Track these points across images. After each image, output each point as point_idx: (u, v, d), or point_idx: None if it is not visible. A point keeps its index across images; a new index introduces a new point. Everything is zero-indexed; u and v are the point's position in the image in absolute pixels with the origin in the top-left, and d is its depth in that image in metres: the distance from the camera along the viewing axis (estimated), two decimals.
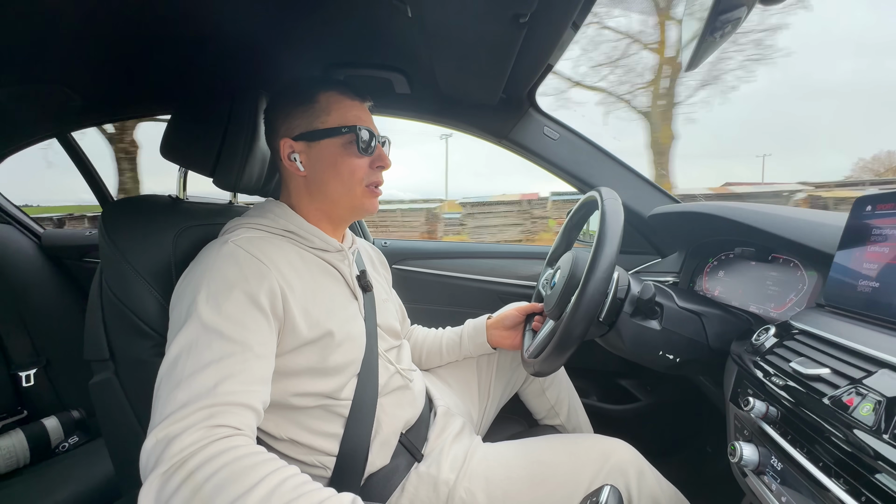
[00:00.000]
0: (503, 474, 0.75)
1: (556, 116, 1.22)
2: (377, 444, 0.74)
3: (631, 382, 1.37)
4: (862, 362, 0.48)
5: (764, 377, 0.58)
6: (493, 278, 1.44)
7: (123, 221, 0.75)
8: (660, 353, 0.78)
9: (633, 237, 1.26)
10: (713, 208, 0.92)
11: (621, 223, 0.71)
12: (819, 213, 0.80)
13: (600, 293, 0.67)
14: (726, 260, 0.97)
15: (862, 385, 0.45)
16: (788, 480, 0.50)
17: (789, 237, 0.74)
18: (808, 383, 0.51)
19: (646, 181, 1.24)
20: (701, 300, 0.82)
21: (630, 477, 0.72)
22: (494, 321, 1.01)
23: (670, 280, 1.12)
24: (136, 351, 0.71)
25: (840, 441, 0.44)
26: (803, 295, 0.75)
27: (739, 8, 0.40)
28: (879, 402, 0.42)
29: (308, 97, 0.75)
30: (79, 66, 0.97)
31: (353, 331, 0.74)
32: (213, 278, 0.62)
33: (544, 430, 1.05)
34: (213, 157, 0.81)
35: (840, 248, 0.62)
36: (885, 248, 0.55)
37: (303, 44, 0.94)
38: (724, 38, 0.45)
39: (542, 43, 0.83)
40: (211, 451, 0.49)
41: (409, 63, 1.02)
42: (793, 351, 0.58)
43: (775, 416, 0.54)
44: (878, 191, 0.58)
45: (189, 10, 0.78)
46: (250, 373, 0.57)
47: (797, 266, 0.78)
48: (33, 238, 1.67)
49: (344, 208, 0.78)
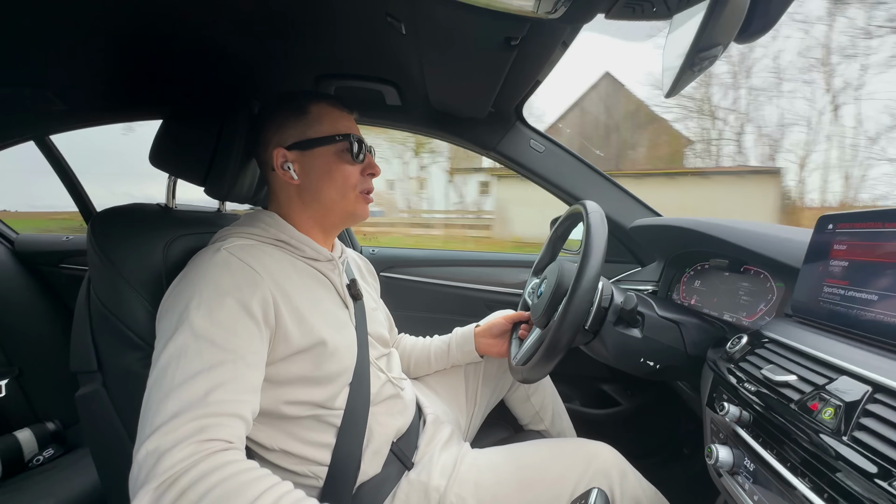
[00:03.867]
0: (492, 479, 0.77)
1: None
2: (369, 453, 0.76)
3: (612, 387, 1.41)
4: (825, 369, 0.52)
5: (737, 383, 0.62)
6: (480, 286, 1.47)
7: (112, 230, 0.74)
8: (641, 359, 0.82)
9: (615, 247, 1.31)
10: (690, 223, 0.98)
11: (605, 236, 0.74)
12: (787, 228, 0.86)
13: (586, 303, 0.70)
14: (702, 270, 1.02)
15: (824, 391, 0.49)
16: (760, 480, 0.54)
17: (759, 251, 0.79)
18: (777, 389, 0.55)
19: (627, 194, 1.29)
20: (679, 309, 0.87)
21: (613, 479, 0.75)
22: (482, 330, 1.03)
23: (650, 289, 1.16)
24: (125, 362, 0.70)
25: (805, 443, 0.48)
26: (772, 305, 0.80)
27: (716, 47, 0.43)
28: (839, 406, 0.46)
29: (299, 108, 0.76)
30: (63, 70, 0.95)
31: (344, 340, 0.75)
32: (205, 286, 0.62)
33: (529, 435, 1.07)
34: (205, 165, 0.81)
35: (805, 262, 0.67)
36: (845, 262, 0.60)
37: (295, 54, 0.95)
38: (700, 72, 0.48)
39: (531, 61, 0.86)
40: (204, 468, 0.49)
41: (401, 76, 1.04)
42: (763, 359, 0.62)
43: (748, 419, 0.58)
44: (841, 211, 0.63)
45: (181, 19, 0.78)
46: (241, 382, 0.58)
47: (767, 277, 0.83)
48: (6, 243, 1.61)
49: (337, 215, 0.79)
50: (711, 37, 0.42)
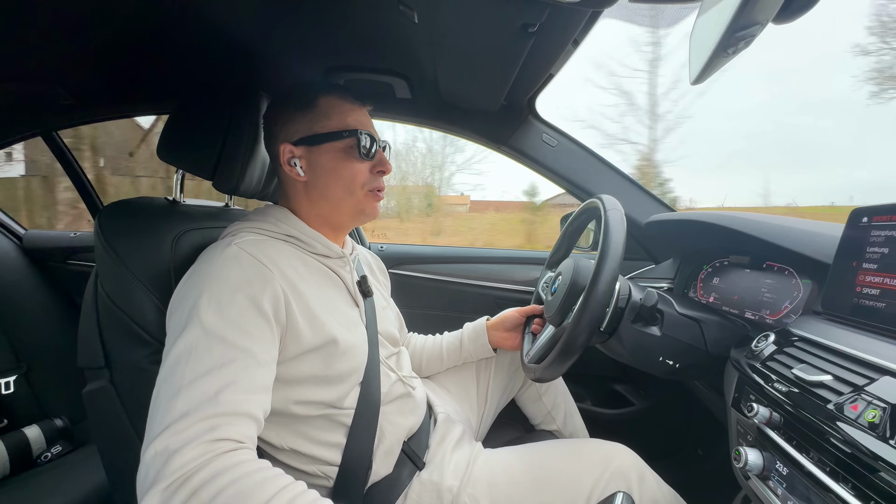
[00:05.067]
0: (506, 480, 0.75)
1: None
2: (381, 453, 0.74)
3: (625, 387, 1.39)
4: (863, 369, 0.50)
5: (765, 383, 0.59)
6: (490, 283, 1.45)
7: (120, 224, 0.73)
8: (660, 358, 0.79)
9: (629, 243, 1.28)
10: (709, 216, 0.95)
11: (624, 235, 0.72)
12: (812, 222, 0.83)
13: (603, 305, 0.68)
14: (720, 267, 0.99)
15: (865, 392, 0.47)
16: (794, 484, 0.51)
17: (785, 245, 0.77)
18: (811, 389, 0.52)
19: (641, 189, 1.26)
20: (699, 307, 0.84)
21: (632, 481, 0.73)
22: (494, 322, 1.02)
23: (665, 286, 1.14)
24: (133, 358, 0.69)
25: (845, 446, 0.45)
26: (798, 302, 0.77)
27: (754, 26, 0.41)
28: (884, 408, 0.43)
29: (308, 101, 0.74)
30: (71, 64, 0.94)
31: (355, 338, 0.74)
32: (215, 281, 0.60)
33: (541, 434, 1.06)
34: (214, 159, 0.80)
35: (837, 257, 0.64)
36: (882, 257, 0.57)
37: (305, 46, 0.93)
38: (735, 54, 0.46)
39: (546, 53, 0.84)
40: (215, 468, 0.48)
41: (411, 68, 1.02)
42: (794, 357, 0.59)
43: (779, 421, 0.55)
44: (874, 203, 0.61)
45: (189, 10, 0.76)
46: (252, 380, 0.56)
47: (792, 274, 0.80)
48: (14, 239, 1.61)
49: (345, 213, 0.77)
50: (751, 15, 0.39)
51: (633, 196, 1.24)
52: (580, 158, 1.25)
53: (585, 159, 1.25)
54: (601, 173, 1.25)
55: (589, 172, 1.25)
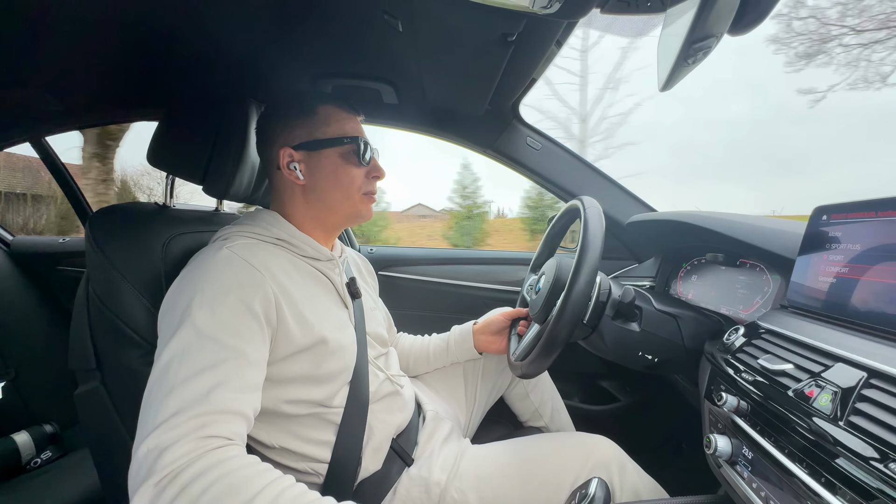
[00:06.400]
0: (493, 473, 0.77)
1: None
2: (370, 450, 0.76)
3: (611, 384, 1.42)
4: (821, 357, 0.53)
5: (735, 374, 0.63)
6: (478, 284, 1.47)
7: (111, 229, 0.74)
8: (639, 353, 0.82)
9: (612, 244, 1.32)
10: (687, 217, 0.98)
11: (603, 230, 0.75)
12: (782, 221, 0.86)
13: (585, 296, 0.71)
14: (698, 265, 1.03)
15: (820, 378, 0.50)
16: (759, 468, 0.54)
17: (755, 243, 0.80)
18: (774, 378, 0.55)
19: (624, 190, 1.29)
20: (676, 303, 0.87)
21: (613, 470, 0.76)
22: (480, 326, 1.04)
23: (647, 284, 1.17)
24: (124, 360, 0.70)
25: (803, 429, 0.48)
26: (768, 297, 0.81)
27: (710, 38, 0.44)
28: (836, 392, 0.47)
29: (308, 108, 0.77)
30: (60, 71, 0.95)
31: (344, 339, 0.75)
32: (207, 284, 0.62)
33: (529, 431, 1.07)
34: (203, 164, 0.81)
35: (800, 254, 0.67)
36: (839, 253, 0.60)
37: (292, 54, 0.95)
38: (695, 64, 0.49)
39: (527, 59, 0.87)
40: (205, 463, 0.49)
41: (398, 75, 1.04)
42: (760, 349, 0.62)
43: (746, 409, 0.58)
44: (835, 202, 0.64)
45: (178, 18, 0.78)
46: (243, 380, 0.58)
47: (763, 270, 0.84)
48: (2, 245, 1.60)
49: (341, 216, 0.80)
50: (705, 28, 0.43)
51: (615, 197, 1.28)
52: (563, 161, 1.28)
53: (569, 162, 1.28)
54: (584, 175, 1.29)
55: (573, 174, 1.28)
